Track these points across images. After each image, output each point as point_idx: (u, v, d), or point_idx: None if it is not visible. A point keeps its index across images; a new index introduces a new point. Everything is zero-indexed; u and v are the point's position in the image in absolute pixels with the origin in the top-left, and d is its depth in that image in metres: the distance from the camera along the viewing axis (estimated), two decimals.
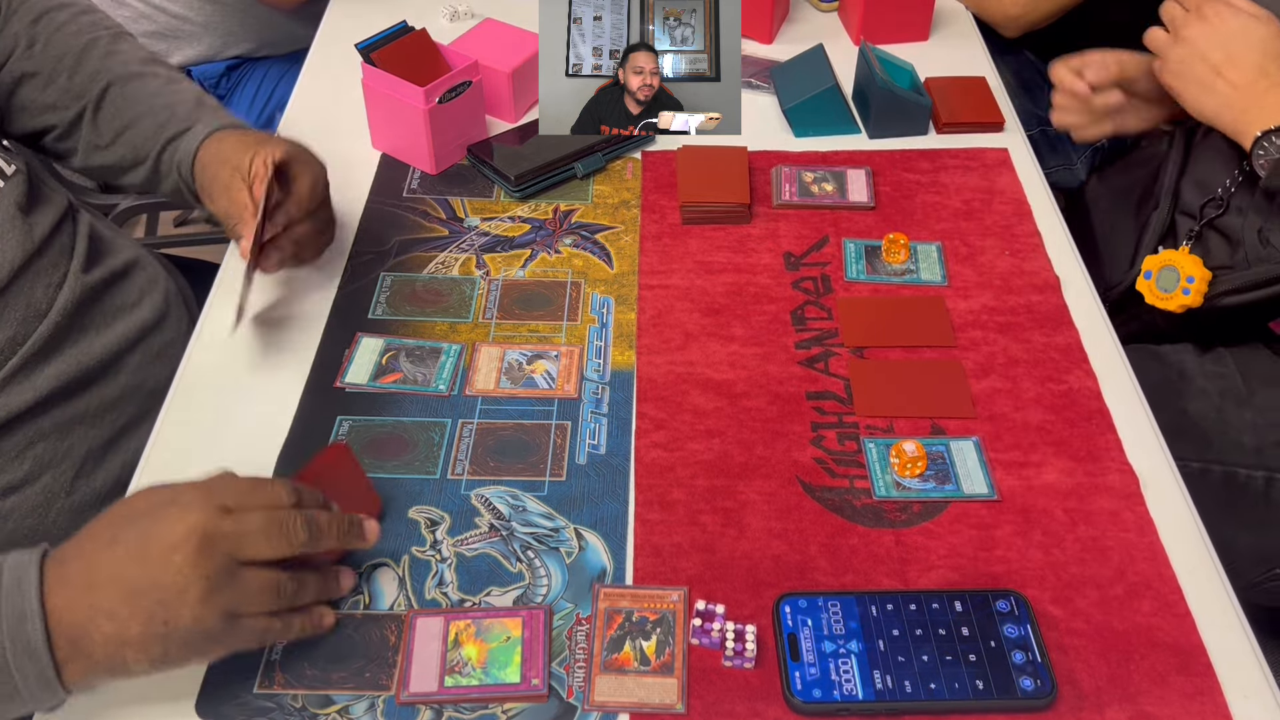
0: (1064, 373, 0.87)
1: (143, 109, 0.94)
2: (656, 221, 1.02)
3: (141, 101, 0.94)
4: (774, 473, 0.79)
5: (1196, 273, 0.95)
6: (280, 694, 0.66)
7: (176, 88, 0.96)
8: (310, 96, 1.19)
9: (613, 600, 0.71)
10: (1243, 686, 0.67)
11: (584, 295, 0.93)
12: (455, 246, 0.98)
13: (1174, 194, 1.04)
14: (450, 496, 0.77)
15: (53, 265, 0.87)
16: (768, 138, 1.12)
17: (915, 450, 0.79)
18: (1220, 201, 0.99)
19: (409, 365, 0.87)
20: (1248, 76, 0.95)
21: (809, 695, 0.65)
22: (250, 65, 1.54)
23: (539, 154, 1.05)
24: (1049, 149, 1.55)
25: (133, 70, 0.95)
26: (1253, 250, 0.95)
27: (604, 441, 0.81)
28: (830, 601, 0.70)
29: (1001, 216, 1.02)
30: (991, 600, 0.70)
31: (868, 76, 1.11)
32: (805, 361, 0.88)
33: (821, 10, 1.34)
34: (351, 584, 0.70)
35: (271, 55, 1.55)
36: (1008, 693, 0.65)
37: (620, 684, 0.66)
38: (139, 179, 0.95)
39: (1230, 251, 0.98)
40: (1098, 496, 0.78)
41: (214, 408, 0.84)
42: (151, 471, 0.79)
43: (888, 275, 0.96)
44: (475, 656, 0.67)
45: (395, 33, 1.06)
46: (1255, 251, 0.95)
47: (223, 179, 0.86)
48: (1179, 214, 1.04)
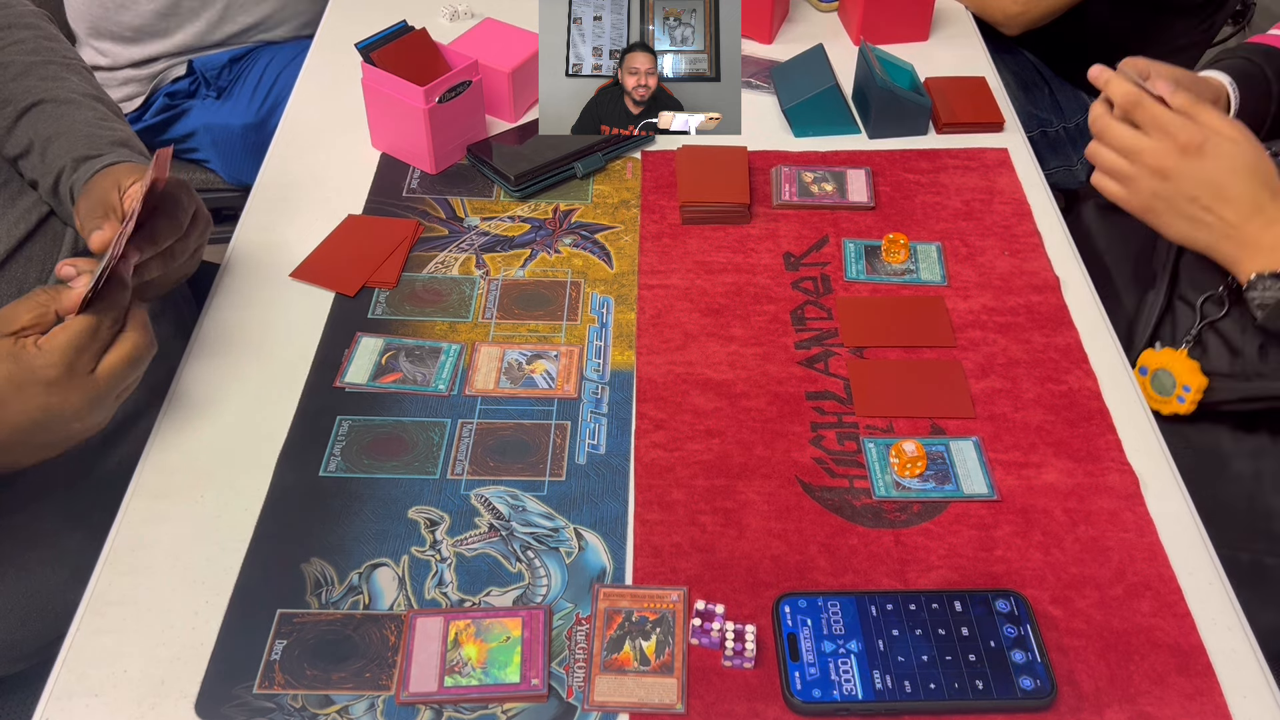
0: (1064, 373, 0.87)
1: (63, 130, 0.92)
2: (656, 221, 1.02)
3: (65, 124, 0.92)
4: (774, 473, 0.79)
5: (1193, 381, 0.89)
6: (280, 694, 0.66)
7: (108, 125, 0.94)
8: (310, 96, 1.19)
9: (612, 600, 0.71)
10: (1242, 686, 0.67)
11: (584, 295, 0.93)
12: (455, 246, 0.98)
13: (1172, 274, 0.97)
14: (450, 496, 0.77)
15: (44, 254, 0.87)
16: (768, 138, 1.12)
17: (915, 450, 0.79)
18: (1221, 300, 0.92)
19: (409, 365, 0.87)
20: (1242, 212, 0.85)
21: (809, 695, 0.65)
22: (251, 56, 1.54)
23: (539, 154, 1.05)
24: (1049, 149, 1.56)
25: (70, 97, 0.94)
26: (1251, 364, 0.89)
27: (604, 441, 0.81)
28: (830, 601, 0.70)
29: (1001, 216, 1.02)
30: (991, 600, 0.70)
31: (868, 76, 1.11)
32: (805, 361, 0.88)
33: (821, 10, 1.34)
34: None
35: (273, 41, 1.55)
36: (1007, 693, 0.65)
37: (620, 684, 0.66)
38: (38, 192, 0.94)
39: (1230, 359, 0.90)
40: (1098, 496, 0.78)
41: (213, 407, 0.84)
42: (151, 471, 0.79)
43: (888, 275, 0.96)
44: (475, 656, 0.67)
45: (395, 32, 1.06)
46: (1254, 365, 0.89)
47: (99, 187, 0.82)
48: (1177, 299, 0.97)
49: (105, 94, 1.00)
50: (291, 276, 0.94)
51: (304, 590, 0.71)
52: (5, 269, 0.87)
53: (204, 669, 0.67)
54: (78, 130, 0.92)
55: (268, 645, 0.68)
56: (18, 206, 0.90)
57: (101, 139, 0.91)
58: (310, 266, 0.96)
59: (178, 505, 0.77)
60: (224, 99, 1.53)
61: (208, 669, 0.67)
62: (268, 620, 0.70)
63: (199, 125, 1.54)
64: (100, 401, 0.71)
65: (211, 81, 1.53)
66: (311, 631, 0.69)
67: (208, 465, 0.79)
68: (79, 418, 0.71)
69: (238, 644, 0.68)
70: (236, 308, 0.92)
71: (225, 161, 1.56)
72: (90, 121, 0.93)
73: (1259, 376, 0.88)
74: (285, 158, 1.10)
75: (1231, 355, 0.90)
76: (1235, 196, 0.85)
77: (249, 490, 0.77)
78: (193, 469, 0.79)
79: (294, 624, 0.69)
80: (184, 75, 1.53)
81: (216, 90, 1.53)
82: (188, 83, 1.52)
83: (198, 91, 1.53)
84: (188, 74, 1.52)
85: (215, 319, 0.91)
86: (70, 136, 0.92)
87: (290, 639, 0.69)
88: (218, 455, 0.80)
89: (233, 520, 0.76)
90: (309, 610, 0.70)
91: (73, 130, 0.92)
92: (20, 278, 0.88)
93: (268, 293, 0.93)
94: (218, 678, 0.67)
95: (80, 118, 0.93)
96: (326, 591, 0.71)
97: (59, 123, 0.92)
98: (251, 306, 0.92)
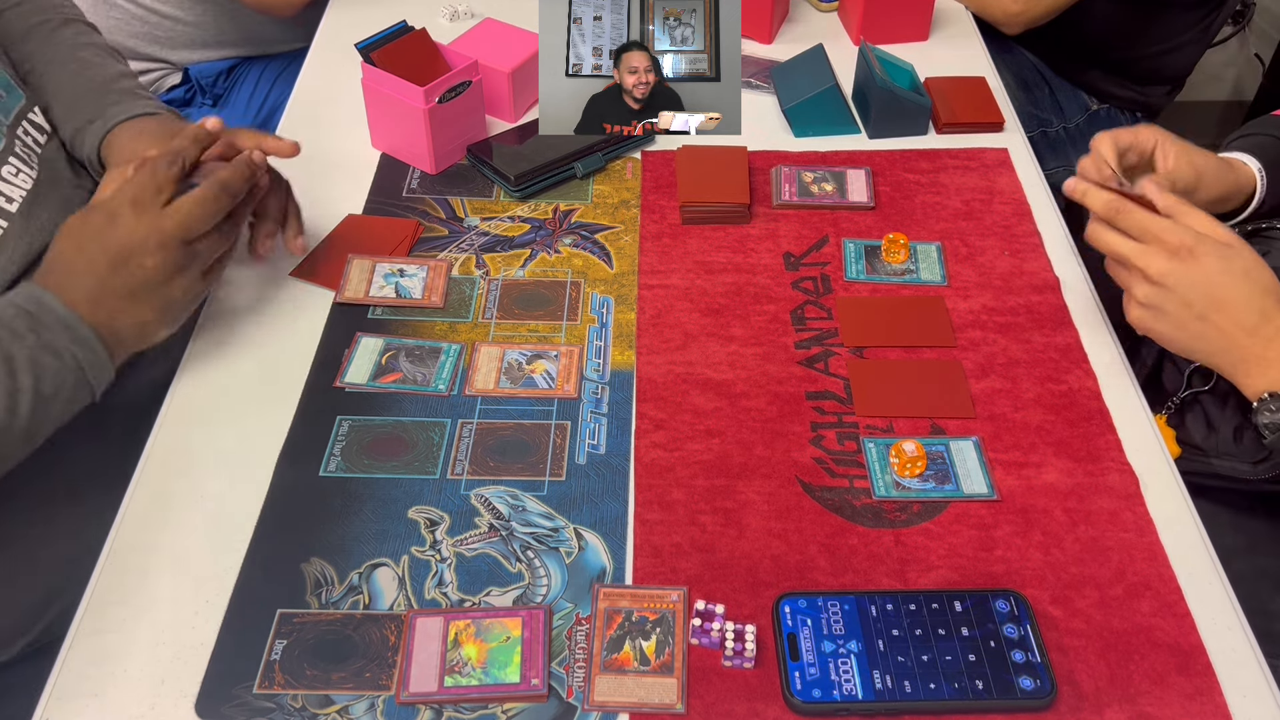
0: (1064, 373, 0.87)
1: (51, 95, 0.98)
2: (656, 221, 1.02)
3: (51, 89, 0.98)
4: (774, 473, 0.79)
5: (1168, 449, 0.83)
6: (280, 694, 0.66)
7: (91, 73, 0.99)
8: (310, 96, 1.19)
9: (612, 600, 0.71)
10: (1242, 686, 0.67)
11: (584, 295, 0.93)
12: (455, 246, 0.98)
13: None
14: (450, 496, 0.77)
15: None
16: (768, 138, 1.12)
17: (915, 450, 0.79)
18: (1207, 374, 0.89)
19: (409, 365, 0.87)
20: (1243, 322, 0.77)
21: (809, 695, 0.65)
22: (247, 65, 1.54)
23: (539, 154, 1.05)
24: (1049, 149, 1.56)
25: (59, 55, 0.99)
26: (1225, 444, 0.86)
27: (604, 441, 0.81)
28: (830, 601, 0.70)
29: (1001, 216, 1.02)
30: (991, 600, 0.70)
31: (868, 76, 1.11)
32: (805, 361, 0.88)
33: (821, 10, 1.34)
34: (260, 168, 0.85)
35: (266, 55, 1.55)
36: (1007, 693, 0.65)
37: (620, 684, 0.66)
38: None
39: (1205, 434, 0.88)
40: (1098, 496, 0.78)
41: (213, 407, 0.84)
42: (151, 471, 0.79)
43: (887, 275, 0.96)
44: (475, 656, 0.67)
45: (395, 32, 1.06)
46: (1227, 445, 0.86)
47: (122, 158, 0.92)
48: (1166, 360, 0.96)
49: (96, 39, 1.04)
50: (292, 276, 0.94)
51: (304, 590, 0.71)
52: None
53: (204, 669, 0.67)
54: (63, 93, 0.97)
55: (268, 645, 0.68)
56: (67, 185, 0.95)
57: (83, 99, 0.97)
58: (310, 266, 0.96)
59: (178, 505, 0.77)
60: (220, 106, 1.52)
61: (208, 669, 0.67)
62: (268, 620, 0.70)
63: None
64: (168, 241, 0.76)
65: (207, 90, 1.52)
66: (311, 631, 0.69)
67: (208, 464, 0.79)
68: (149, 252, 0.76)
69: (238, 644, 0.68)
70: (237, 307, 0.92)
71: None
72: (76, 79, 0.98)
73: (1228, 456, 0.87)
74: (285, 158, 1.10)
75: (1207, 430, 0.88)
76: (1234, 304, 0.77)
77: (249, 490, 0.77)
78: (193, 468, 0.79)
79: (294, 624, 0.69)
80: (179, 84, 1.52)
81: (213, 98, 1.53)
82: (183, 91, 1.52)
83: (194, 100, 1.53)
84: (183, 82, 1.52)
85: (215, 318, 0.91)
86: (60, 101, 0.97)
87: (290, 639, 0.69)
88: (218, 455, 0.80)
89: (233, 520, 0.76)
90: (309, 610, 0.70)
91: (59, 94, 0.97)
92: None
93: (268, 292, 0.93)
94: (218, 678, 0.67)
95: (65, 78, 0.98)
96: (326, 591, 0.71)
97: (44, 90, 0.98)
98: (251, 306, 0.92)
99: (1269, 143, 0.97)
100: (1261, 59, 2.29)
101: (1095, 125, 1.59)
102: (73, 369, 0.74)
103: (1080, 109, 1.58)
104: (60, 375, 0.73)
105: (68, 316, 0.74)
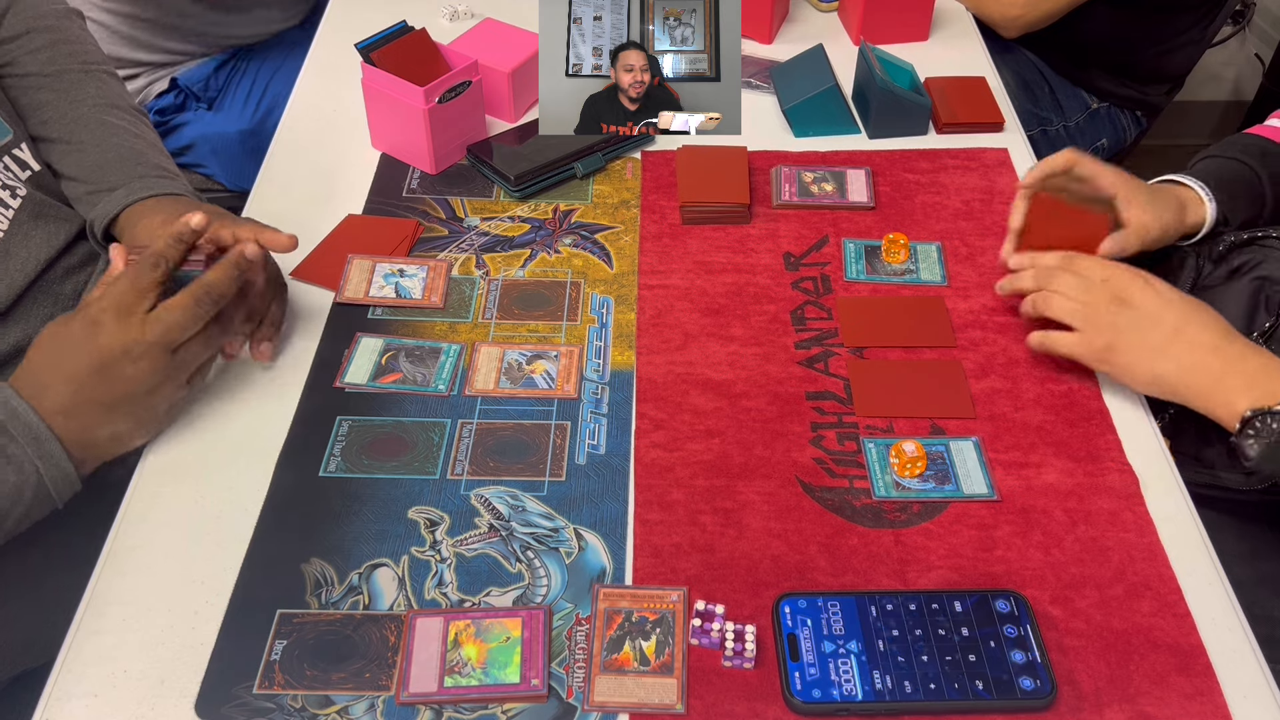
0: (1064, 373, 0.87)
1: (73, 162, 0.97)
2: (656, 221, 1.02)
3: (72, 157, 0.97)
4: (773, 473, 0.79)
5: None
6: (280, 694, 0.66)
7: (117, 141, 0.97)
8: (310, 96, 1.19)
9: (612, 600, 0.71)
10: (1242, 686, 0.67)
11: (584, 295, 0.93)
12: (455, 246, 0.98)
13: None
14: (450, 497, 0.77)
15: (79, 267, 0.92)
16: (768, 138, 1.12)
17: (915, 450, 0.79)
18: None
19: (408, 365, 0.87)
20: (1213, 339, 0.78)
21: (808, 695, 0.65)
22: (238, 63, 1.51)
23: (539, 154, 1.05)
24: (1049, 149, 1.55)
25: (78, 115, 0.98)
26: (1220, 459, 0.86)
27: (603, 442, 0.81)
28: (830, 601, 0.70)
29: (1001, 216, 1.02)
30: (991, 600, 0.70)
31: (868, 76, 1.11)
32: (805, 361, 0.88)
33: (821, 10, 1.34)
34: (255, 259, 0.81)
35: (248, 46, 1.53)
36: (1007, 693, 0.65)
37: (620, 684, 0.66)
38: None
39: (1198, 446, 0.87)
40: (1098, 497, 0.78)
41: (214, 407, 0.84)
42: (151, 471, 0.79)
43: (887, 275, 0.96)
44: (475, 657, 0.67)
45: (395, 32, 1.06)
46: (1221, 461, 0.85)
47: (137, 239, 0.90)
48: None
49: (123, 98, 1.02)
50: (291, 276, 0.94)
51: (304, 590, 0.71)
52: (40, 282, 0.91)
53: (204, 669, 0.67)
54: (86, 163, 0.96)
55: (268, 645, 0.68)
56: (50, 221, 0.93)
57: (110, 168, 0.95)
58: (310, 266, 0.96)
59: (178, 505, 0.77)
60: (215, 109, 1.50)
61: (208, 669, 0.67)
62: (268, 620, 0.70)
63: (196, 137, 1.51)
64: (151, 350, 0.74)
65: (200, 95, 1.50)
66: (311, 632, 0.69)
67: (208, 465, 0.79)
68: (130, 361, 0.73)
69: (238, 644, 0.68)
70: None
71: (225, 167, 1.54)
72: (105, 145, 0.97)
73: (1225, 468, 0.86)
74: (285, 158, 1.10)
75: (1203, 442, 0.87)
76: (1199, 321, 0.79)
77: (249, 490, 0.77)
78: (193, 469, 0.79)
79: (294, 624, 0.69)
80: (166, 90, 1.50)
81: (206, 102, 1.50)
82: (173, 97, 1.50)
83: (186, 105, 1.51)
84: (170, 89, 1.50)
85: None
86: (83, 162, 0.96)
87: (290, 639, 0.69)
88: (218, 455, 0.80)
89: (233, 520, 0.76)
90: (309, 610, 0.70)
91: (81, 160, 0.96)
92: (56, 290, 0.93)
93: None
94: (218, 678, 0.67)
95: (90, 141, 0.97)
96: (326, 592, 0.71)
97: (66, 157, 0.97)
98: None
99: (1229, 165, 0.98)
100: (1261, 59, 2.29)
101: (1095, 123, 1.59)
102: (33, 484, 0.72)
103: (1081, 107, 1.58)
104: (20, 489, 0.71)
105: (38, 428, 0.72)
